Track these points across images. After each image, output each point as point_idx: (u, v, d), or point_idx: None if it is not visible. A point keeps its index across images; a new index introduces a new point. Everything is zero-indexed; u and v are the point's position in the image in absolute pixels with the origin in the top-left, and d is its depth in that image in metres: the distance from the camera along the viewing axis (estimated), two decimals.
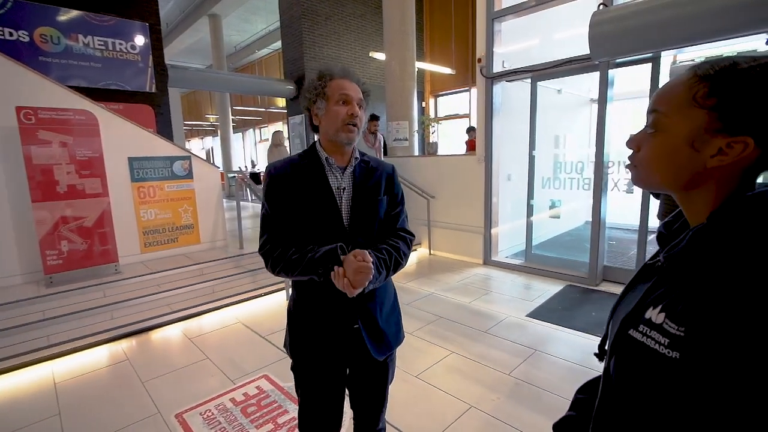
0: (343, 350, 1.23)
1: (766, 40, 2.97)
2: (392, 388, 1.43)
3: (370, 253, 1.11)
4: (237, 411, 2.24)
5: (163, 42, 6.42)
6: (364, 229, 1.23)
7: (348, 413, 1.41)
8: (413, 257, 5.43)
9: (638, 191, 3.99)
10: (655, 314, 0.55)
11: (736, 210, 0.51)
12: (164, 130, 6.07)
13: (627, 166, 0.64)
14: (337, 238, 1.18)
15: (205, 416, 2.20)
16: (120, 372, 2.71)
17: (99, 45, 5.76)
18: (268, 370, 2.64)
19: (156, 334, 3.27)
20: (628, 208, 6.31)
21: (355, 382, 1.34)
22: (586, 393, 0.81)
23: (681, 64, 5.68)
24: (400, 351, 1.42)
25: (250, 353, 2.90)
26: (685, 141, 0.53)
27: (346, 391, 1.36)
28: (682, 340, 0.49)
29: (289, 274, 1.17)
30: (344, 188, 1.23)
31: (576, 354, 2.74)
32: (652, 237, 4.52)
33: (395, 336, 1.33)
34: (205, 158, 5.16)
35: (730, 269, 0.47)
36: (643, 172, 0.60)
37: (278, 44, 11.25)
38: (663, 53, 3.61)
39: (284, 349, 1.33)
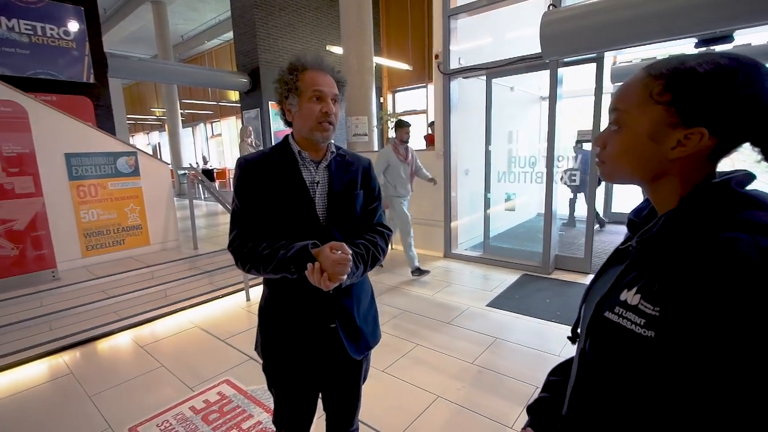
0: (318, 350, 1.20)
1: (694, 44, 3.24)
2: None
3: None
4: (198, 419, 2.13)
5: (101, 28, 5.93)
6: (340, 225, 1.20)
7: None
8: None
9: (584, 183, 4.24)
10: (630, 296, 0.57)
11: (704, 195, 0.54)
12: (105, 124, 5.63)
13: (596, 163, 0.67)
14: (312, 233, 1.14)
15: (162, 427, 2.08)
16: (63, 387, 2.49)
17: (26, 29, 5.21)
18: (230, 375, 2.54)
19: (102, 344, 3.04)
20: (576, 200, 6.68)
21: (329, 383, 1.31)
22: (558, 375, 0.84)
23: (620, 64, 6.09)
24: None
25: (209, 358, 2.77)
26: (647, 135, 0.57)
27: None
28: (658, 320, 0.52)
29: (261, 271, 1.11)
30: (318, 182, 1.19)
31: (534, 339, 2.87)
32: (597, 227, 4.83)
33: (372, 334, 1.31)
34: (151, 154, 4.84)
35: (698, 251, 0.51)
36: (610, 167, 0.63)
37: (230, 35, 10.77)
38: (606, 54, 3.84)
39: (252, 353, 1.30)
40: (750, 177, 0.56)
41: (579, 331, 0.74)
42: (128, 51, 13.80)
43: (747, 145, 0.56)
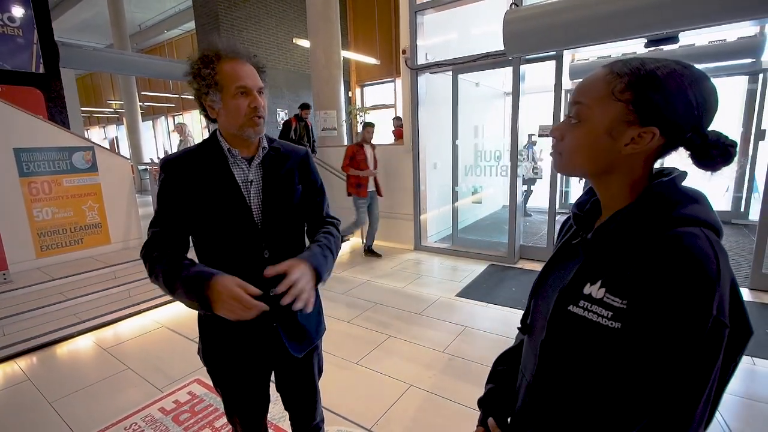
0: (261, 350, 1.16)
1: (644, 44, 3.44)
2: (333, 377, 1.44)
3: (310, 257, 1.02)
4: (168, 420, 2.10)
5: (51, 15, 5.56)
6: (279, 224, 1.13)
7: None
8: (347, 247, 5.46)
9: (546, 177, 4.43)
10: (594, 290, 0.60)
11: (657, 194, 0.60)
12: (57, 116, 5.31)
13: (551, 154, 0.70)
14: (249, 237, 1.08)
15: (130, 430, 2.03)
16: (20, 394, 2.38)
17: None
18: (200, 374, 2.50)
19: (62, 348, 2.91)
20: (539, 193, 6.95)
21: (281, 383, 1.28)
22: (504, 364, 0.87)
23: (578, 62, 6.36)
24: (339, 340, 1.44)
25: (177, 358, 2.72)
26: (605, 130, 0.60)
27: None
28: (624, 312, 0.56)
29: (165, 290, 0.99)
30: (252, 181, 1.11)
31: (501, 327, 3.00)
32: (559, 217, 5.06)
33: (316, 329, 1.27)
34: (108, 148, 4.62)
35: (660, 245, 0.55)
36: (566, 158, 0.66)
37: (191, 25, 10.36)
38: (564, 52, 4.01)
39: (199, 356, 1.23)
40: (684, 175, 0.63)
41: (528, 322, 0.78)
42: (81, 40, 13.00)
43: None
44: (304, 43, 6.99)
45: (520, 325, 0.81)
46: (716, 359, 0.53)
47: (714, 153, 0.58)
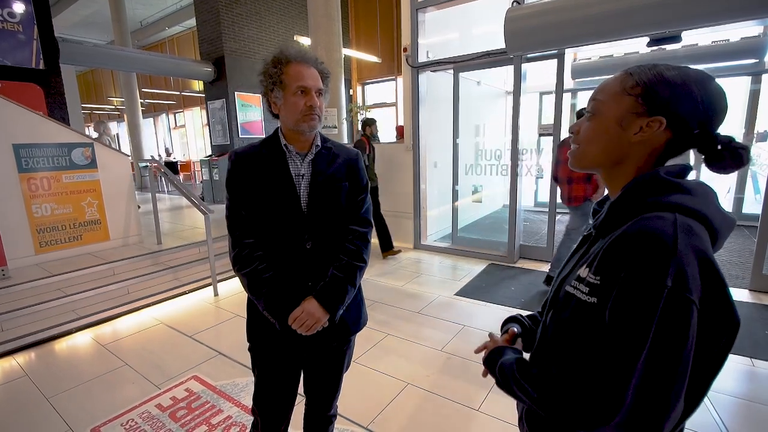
0: (300, 335, 1.22)
1: (647, 43, 3.42)
2: None
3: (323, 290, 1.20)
4: (165, 417, 2.10)
5: (51, 11, 5.55)
6: (323, 215, 1.23)
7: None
8: None
9: (547, 176, 4.41)
10: (582, 270, 0.68)
11: (638, 183, 0.65)
12: (57, 113, 5.30)
13: (569, 153, 0.77)
14: (295, 225, 1.20)
15: (127, 426, 2.03)
16: (18, 390, 2.38)
17: None
18: (198, 371, 2.50)
19: (60, 344, 2.91)
20: (539, 192, 6.95)
21: (310, 367, 1.36)
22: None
23: (580, 61, 6.33)
24: None
25: (175, 355, 2.71)
26: (616, 121, 0.67)
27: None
28: (598, 287, 0.62)
29: (251, 296, 1.22)
30: (303, 175, 1.22)
31: (499, 325, 2.98)
32: (560, 217, 5.05)
33: (355, 322, 1.34)
34: (116, 147, 4.62)
35: (627, 228, 0.61)
36: (581, 149, 0.73)
37: (192, 22, 10.34)
38: (566, 50, 3.99)
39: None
40: (687, 169, 0.66)
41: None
42: (82, 36, 12.98)
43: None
44: (305, 40, 6.97)
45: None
46: (684, 339, 0.53)
47: (725, 155, 0.63)
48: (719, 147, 0.64)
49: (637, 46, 4.21)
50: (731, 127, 5.60)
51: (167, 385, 2.37)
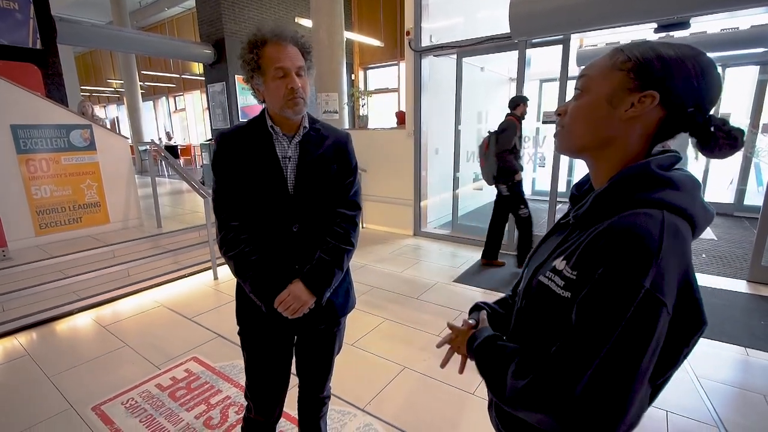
0: (287, 318, 1.22)
1: (654, 29, 3.36)
2: None
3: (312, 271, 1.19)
4: (164, 396, 2.13)
5: None
6: (310, 198, 1.21)
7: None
8: None
9: (548, 165, 4.38)
10: (558, 262, 0.65)
11: (627, 177, 0.61)
12: (55, 94, 5.24)
13: (555, 135, 0.72)
14: (281, 208, 1.18)
15: (127, 405, 2.06)
16: (19, 368, 2.41)
17: None
18: (197, 352, 2.53)
19: (61, 325, 2.94)
20: (540, 181, 6.92)
21: (301, 350, 1.37)
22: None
23: (586, 47, 6.23)
24: None
25: (175, 337, 2.74)
26: (606, 98, 0.63)
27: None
28: (574, 282, 0.60)
29: (238, 279, 1.22)
30: (290, 157, 1.20)
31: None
32: (560, 206, 5.03)
33: (343, 306, 1.34)
34: (109, 128, 4.58)
35: (611, 223, 0.58)
36: (567, 129, 0.68)
37: (192, 2, 10.15)
38: (572, 36, 3.92)
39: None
40: (676, 158, 0.63)
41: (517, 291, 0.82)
42: (79, 16, 12.77)
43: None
44: (307, 22, 6.86)
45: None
46: (649, 337, 0.52)
47: (719, 135, 0.59)
48: (712, 129, 0.60)
49: (645, 33, 4.13)
50: (737, 117, 5.53)
51: (167, 365, 2.40)
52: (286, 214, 1.19)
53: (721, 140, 0.59)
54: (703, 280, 3.45)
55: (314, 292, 1.18)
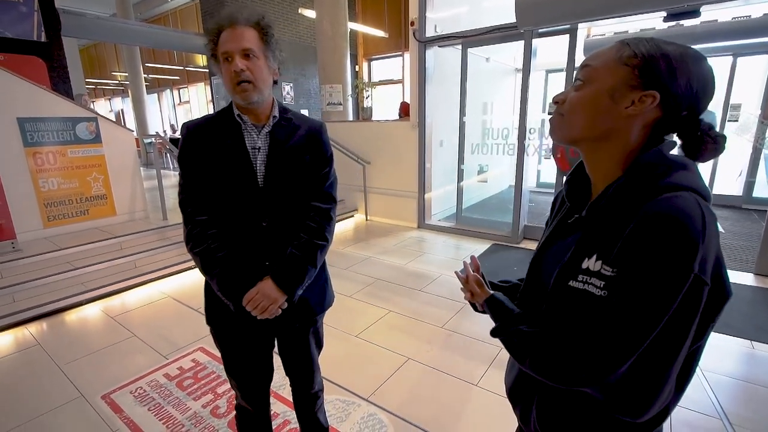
0: (256, 318, 1.17)
1: (663, 17, 3.30)
2: (332, 349, 1.47)
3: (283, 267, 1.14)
4: (172, 385, 2.16)
5: None
6: (281, 191, 1.16)
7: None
8: (350, 224, 5.47)
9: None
10: (592, 263, 0.62)
11: (645, 163, 0.61)
12: (61, 87, 5.26)
13: (550, 120, 0.71)
14: (250, 201, 1.14)
15: (135, 394, 2.10)
16: (31, 358, 2.46)
17: None
18: (204, 342, 2.56)
19: (70, 315, 2.99)
20: (545, 172, 6.88)
21: (282, 350, 1.33)
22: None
23: (594, 37, 6.13)
24: (340, 313, 1.45)
25: (182, 327, 2.78)
26: (608, 92, 0.62)
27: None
28: (613, 279, 0.58)
29: (205, 276, 1.16)
30: (260, 148, 1.15)
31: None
32: None
33: (319, 303, 1.30)
34: (114, 120, 4.60)
35: (642, 212, 0.57)
36: (566, 118, 0.67)
37: None
38: (579, 26, 3.86)
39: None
40: (673, 144, 0.64)
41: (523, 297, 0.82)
42: (84, 8, 12.76)
43: None
44: (310, 13, 6.80)
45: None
46: (693, 319, 0.56)
47: (706, 140, 0.61)
48: (699, 133, 0.61)
49: (654, 22, 4.05)
50: (748, 107, 5.44)
51: (174, 355, 2.44)
52: (256, 209, 1.14)
53: (707, 145, 0.61)
54: None
55: (285, 289, 1.13)
